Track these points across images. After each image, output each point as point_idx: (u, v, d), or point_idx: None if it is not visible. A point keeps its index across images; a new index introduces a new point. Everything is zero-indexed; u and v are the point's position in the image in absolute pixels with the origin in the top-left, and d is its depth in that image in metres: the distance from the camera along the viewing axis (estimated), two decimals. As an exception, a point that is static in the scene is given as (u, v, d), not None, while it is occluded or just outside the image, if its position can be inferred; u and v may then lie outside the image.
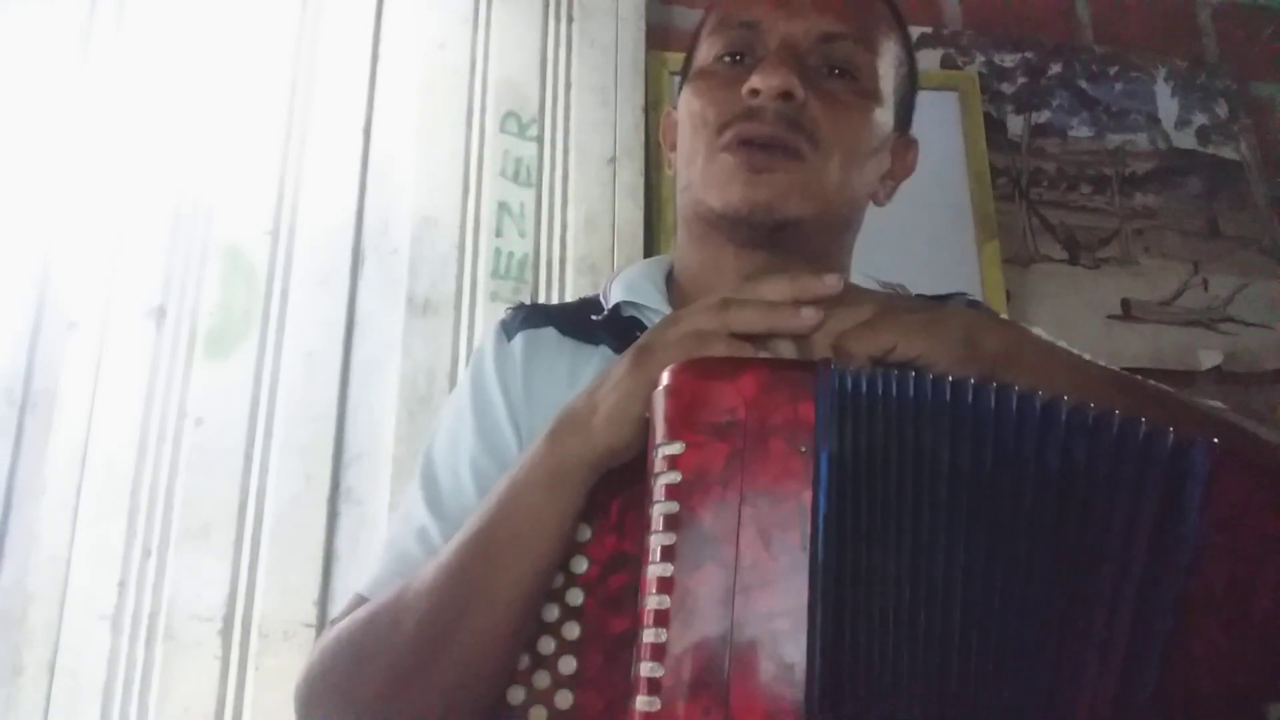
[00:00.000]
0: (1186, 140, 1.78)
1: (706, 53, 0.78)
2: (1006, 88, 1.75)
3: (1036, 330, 0.82)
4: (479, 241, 1.48)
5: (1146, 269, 1.69)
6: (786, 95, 0.70)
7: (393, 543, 0.73)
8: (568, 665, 0.54)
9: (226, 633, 1.27)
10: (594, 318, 0.79)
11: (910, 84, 0.83)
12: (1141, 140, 1.77)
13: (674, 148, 0.83)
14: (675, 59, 1.59)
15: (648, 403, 0.53)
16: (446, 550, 0.61)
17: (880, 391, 0.49)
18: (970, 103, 1.69)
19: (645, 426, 0.53)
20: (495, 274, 1.47)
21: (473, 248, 1.48)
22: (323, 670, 0.66)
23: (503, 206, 1.51)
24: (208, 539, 1.30)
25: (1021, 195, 1.70)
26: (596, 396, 0.57)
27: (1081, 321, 1.63)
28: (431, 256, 1.47)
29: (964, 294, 0.86)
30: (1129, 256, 1.70)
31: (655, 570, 0.47)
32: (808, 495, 0.47)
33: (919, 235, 1.55)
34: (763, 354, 0.55)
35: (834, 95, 0.73)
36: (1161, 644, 0.46)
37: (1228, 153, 1.79)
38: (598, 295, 0.84)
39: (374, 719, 0.61)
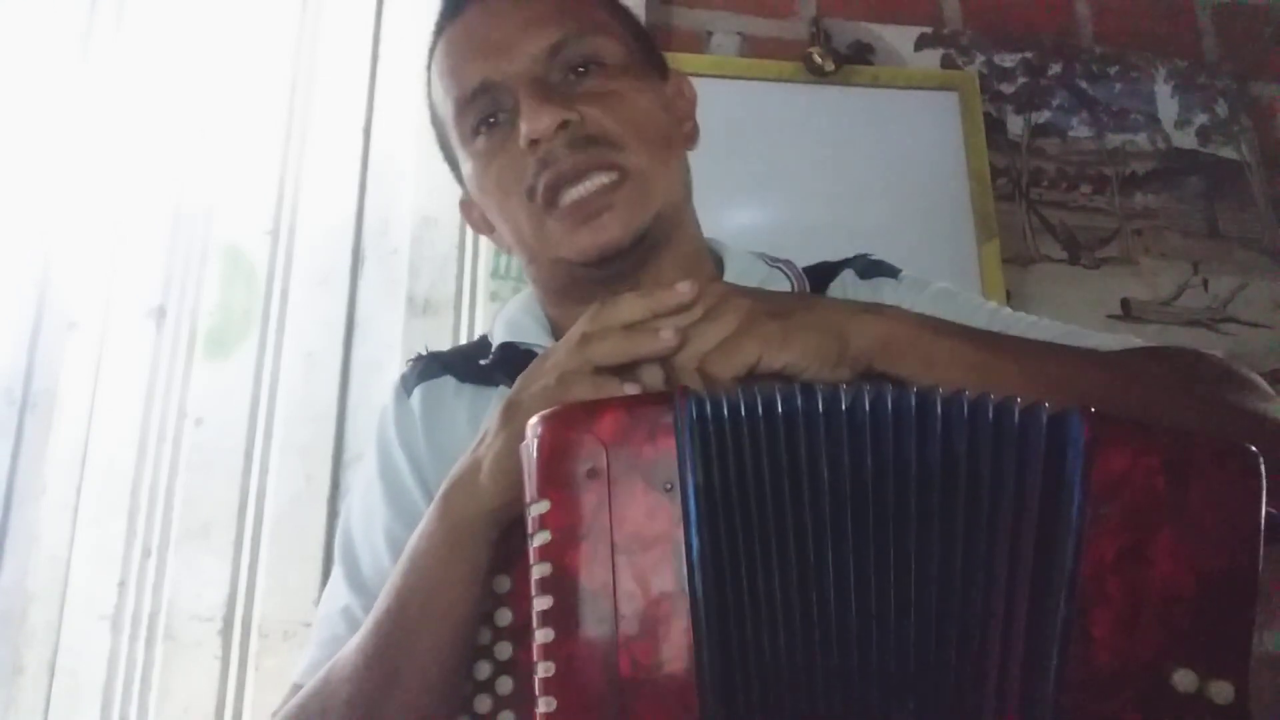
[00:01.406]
0: (1186, 140, 1.78)
1: (464, 134, 0.74)
2: (1006, 88, 1.75)
3: (937, 288, 0.79)
4: (479, 241, 1.48)
5: (1146, 269, 1.69)
6: (563, 125, 0.68)
7: (320, 626, 0.72)
8: None
9: (226, 633, 1.27)
10: (482, 362, 0.78)
11: (640, 33, 0.80)
12: (1141, 140, 1.77)
13: (491, 229, 0.81)
14: (675, 59, 1.59)
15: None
16: (363, 631, 0.60)
17: (744, 412, 0.47)
18: (970, 103, 1.69)
19: None
20: (495, 274, 1.47)
21: (473, 248, 1.48)
22: None
23: (503, 206, 1.51)
24: (208, 539, 1.30)
25: (1021, 195, 1.70)
26: (478, 454, 0.57)
27: (1081, 322, 1.62)
28: (431, 256, 1.47)
29: (864, 255, 0.84)
30: (1129, 256, 1.70)
31: (539, 637, 0.45)
32: (680, 533, 0.45)
33: (919, 235, 1.55)
34: (628, 385, 0.53)
35: (599, 93, 0.71)
36: (1059, 629, 0.45)
37: (1228, 153, 1.79)
38: (487, 334, 0.83)
39: None
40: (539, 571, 0.46)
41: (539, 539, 0.46)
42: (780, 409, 0.48)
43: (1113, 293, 1.66)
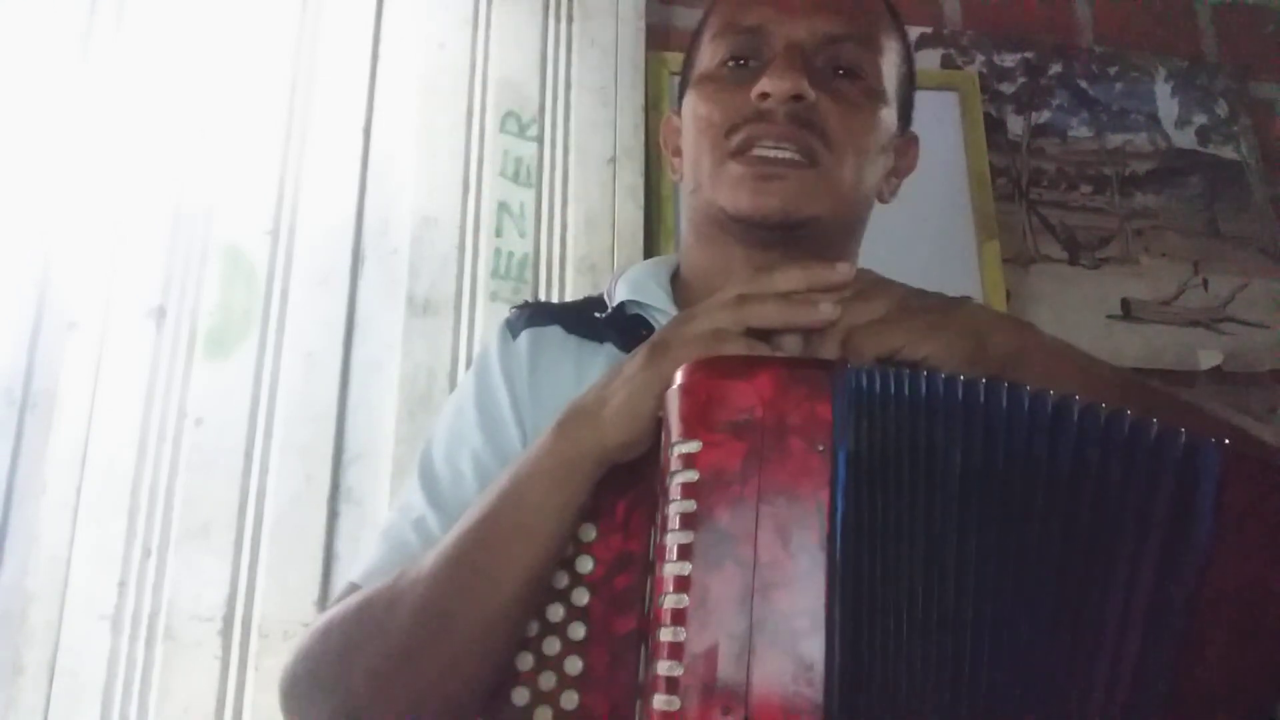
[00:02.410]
0: (1186, 140, 1.78)
1: (710, 58, 0.78)
2: (1006, 88, 1.75)
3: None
4: (479, 241, 1.48)
5: (1146, 269, 1.69)
6: (797, 97, 0.70)
7: (389, 532, 0.72)
8: (573, 665, 0.54)
9: (226, 633, 1.27)
10: (598, 315, 0.80)
11: (910, 83, 0.83)
12: (1141, 140, 1.77)
13: (676, 153, 0.83)
14: (675, 59, 1.59)
15: (660, 399, 0.53)
16: (447, 538, 0.60)
17: (894, 391, 0.49)
18: (970, 103, 1.69)
19: (656, 423, 0.53)
20: (495, 274, 1.47)
21: (473, 248, 1.48)
22: (311, 656, 0.65)
23: (503, 206, 1.51)
24: (208, 539, 1.30)
25: (1021, 195, 1.70)
26: (607, 391, 0.57)
27: (1081, 321, 1.63)
28: (431, 256, 1.47)
29: (969, 298, 0.86)
30: (1129, 256, 1.70)
31: (672, 569, 0.47)
32: (825, 494, 0.47)
33: (919, 235, 1.55)
34: (777, 353, 0.55)
35: (842, 95, 0.74)
36: (1173, 645, 0.45)
37: (1228, 153, 1.79)
38: (602, 294, 0.84)
39: (363, 707, 0.60)
40: (681, 508, 0.47)
41: (684, 476, 0.47)
42: (925, 392, 0.49)
43: (1113, 293, 1.66)
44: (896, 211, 0.87)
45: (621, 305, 0.79)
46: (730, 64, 0.76)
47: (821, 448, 0.47)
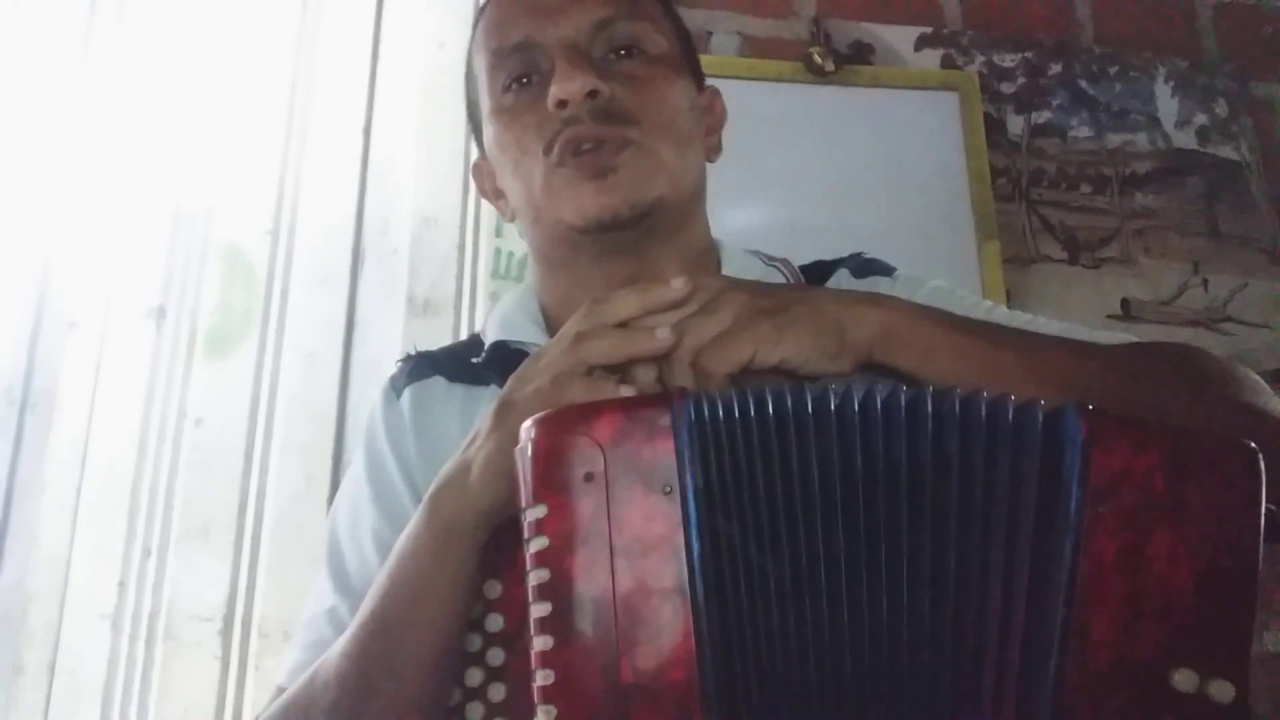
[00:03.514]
0: (1186, 140, 1.78)
1: (493, 89, 0.76)
2: (1006, 88, 1.75)
3: (933, 287, 0.79)
4: (479, 241, 1.48)
5: (1146, 269, 1.69)
6: (592, 94, 0.69)
7: (307, 628, 0.72)
8: None
9: (226, 633, 1.27)
10: (474, 360, 0.78)
11: (687, 39, 0.82)
12: (1141, 140, 1.77)
13: (498, 196, 0.81)
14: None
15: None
16: (347, 633, 0.59)
17: (739, 414, 0.47)
18: (970, 103, 1.69)
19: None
20: (495, 274, 1.47)
21: (473, 248, 1.48)
22: None
23: (503, 206, 1.51)
24: (208, 539, 1.30)
25: (1021, 195, 1.70)
26: (468, 455, 0.56)
27: (1081, 321, 1.62)
28: (431, 256, 1.47)
29: (858, 254, 0.84)
30: (1129, 256, 1.70)
31: (537, 644, 0.44)
32: (679, 536, 0.45)
33: (919, 235, 1.55)
34: (624, 387, 0.53)
35: (632, 75, 0.73)
36: (1058, 629, 0.44)
37: (1228, 153, 1.79)
38: (479, 333, 0.83)
39: None
40: (536, 578, 0.45)
41: (536, 544, 0.45)
42: (771, 409, 0.47)
43: (1113, 293, 1.66)
44: (897, 211, 0.87)
45: (498, 345, 0.78)
46: (514, 87, 0.74)
47: (669, 488, 0.45)
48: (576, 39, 0.72)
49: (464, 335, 1.43)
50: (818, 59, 1.64)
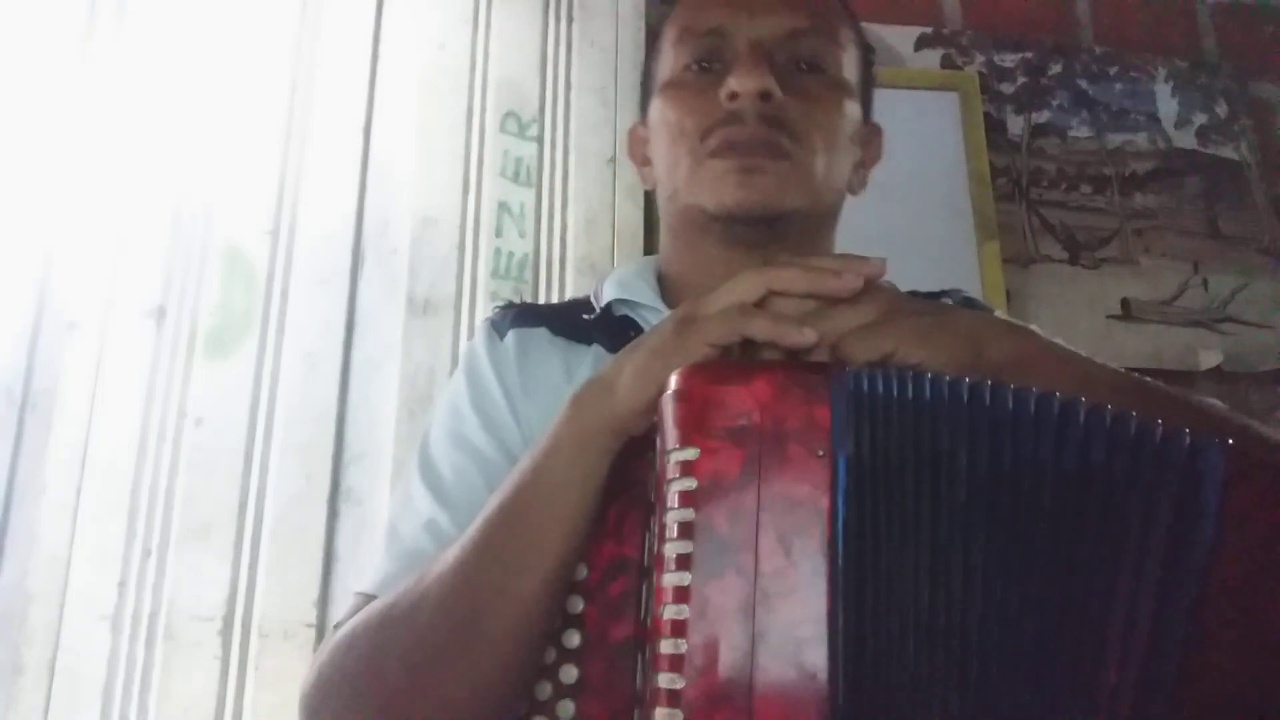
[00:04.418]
0: (1186, 140, 1.78)
1: (673, 64, 0.78)
2: (1006, 88, 1.75)
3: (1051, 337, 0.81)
4: (479, 241, 1.48)
5: (1146, 269, 1.69)
6: (765, 95, 0.71)
7: (398, 538, 0.71)
8: (569, 674, 0.53)
9: (226, 633, 1.27)
10: (586, 317, 0.79)
11: (869, 72, 0.84)
12: (1141, 140, 1.77)
13: (645, 162, 0.83)
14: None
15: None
16: (468, 531, 0.58)
17: (895, 393, 0.48)
18: (970, 103, 1.69)
19: None
20: (495, 274, 1.47)
21: (473, 248, 1.48)
22: (334, 670, 0.63)
23: (503, 206, 1.51)
24: (208, 539, 1.30)
25: (1021, 195, 1.70)
26: (625, 361, 0.56)
27: (1081, 321, 1.63)
28: (431, 256, 1.47)
29: (958, 290, 0.85)
30: (1129, 256, 1.70)
31: (671, 579, 0.46)
32: (825, 500, 0.46)
33: (919, 235, 1.55)
34: (807, 330, 0.53)
35: (807, 90, 0.74)
36: (1178, 648, 0.45)
37: (1228, 153, 1.79)
38: (588, 296, 0.84)
39: (398, 711, 0.59)
40: (679, 516, 0.46)
41: (681, 484, 0.46)
42: (928, 394, 0.48)
43: (1113, 293, 1.67)
44: (897, 211, 0.87)
45: (609, 306, 0.79)
46: (694, 68, 0.76)
47: (821, 452, 0.46)
48: (766, 40, 0.74)
49: (464, 336, 1.43)
50: (818, 59, 1.64)
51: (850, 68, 0.79)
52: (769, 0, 0.75)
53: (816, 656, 0.44)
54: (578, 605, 0.54)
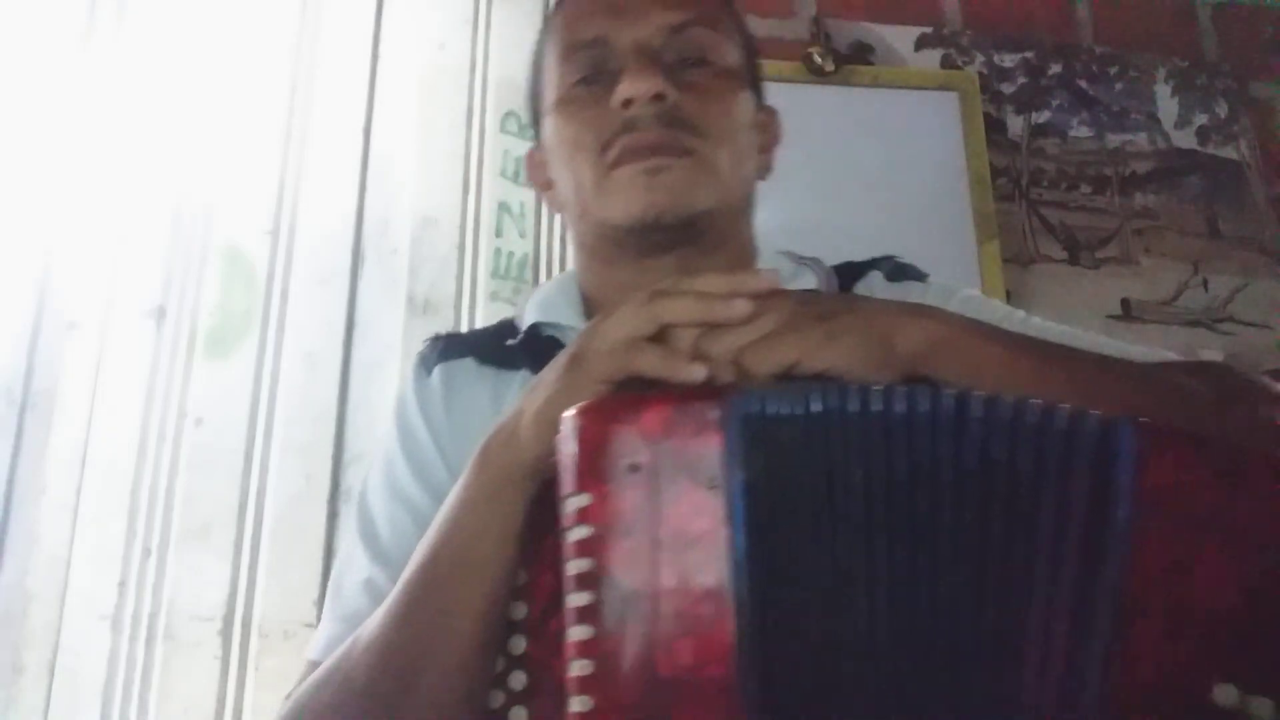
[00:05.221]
0: (1186, 140, 1.78)
1: (560, 80, 0.76)
2: (1006, 88, 1.75)
3: (978, 299, 0.79)
4: (479, 241, 1.49)
5: (1146, 269, 1.69)
6: (659, 97, 0.70)
7: (340, 598, 0.70)
8: (518, 717, 0.52)
9: (226, 633, 1.27)
10: (509, 343, 0.78)
11: (754, 58, 0.82)
12: (1141, 140, 1.77)
13: (547, 186, 0.81)
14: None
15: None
16: (390, 596, 0.58)
17: (787, 412, 0.47)
18: (970, 103, 1.69)
19: None
20: (495, 274, 1.47)
21: (473, 248, 1.49)
22: None
23: (503, 206, 1.51)
24: (208, 539, 1.30)
25: (1021, 195, 1.70)
26: (525, 405, 0.55)
27: (1081, 321, 1.63)
28: (431, 256, 1.47)
29: (891, 257, 0.83)
30: (1129, 256, 1.70)
31: (576, 634, 0.44)
32: (725, 532, 0.44)
33: (919, 235, 1.54)
34: (695, 366, 0.52)
35: (699, 84, 0.73)
36: (1102, 640, 0.44)
37: (1228, 153, 1.79)
38: (513, 319, 0.83)
39: None
40: (577, 567, 0.45)
41: (578, 533, 0.45)
42: (817, 408, 0.47)
43: (1113, 293, 1.66)
44: (897, 211, 0.87)
45: (533, 328, 0.77)
46: (582, 82, 0.74)
47: (715, 483, 0.45)
48: (649, 42, 0.73)
49: (464, 335, 1.43)
50: (818, 59, 1.64)
51: (736, 55, 0.77)
52: (645, 0, 0.74)
53: (729, 698, 0.43)
54: (520, 645, 0.53)
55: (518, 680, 0.53)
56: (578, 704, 0.43)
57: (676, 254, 0.72)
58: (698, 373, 0.51)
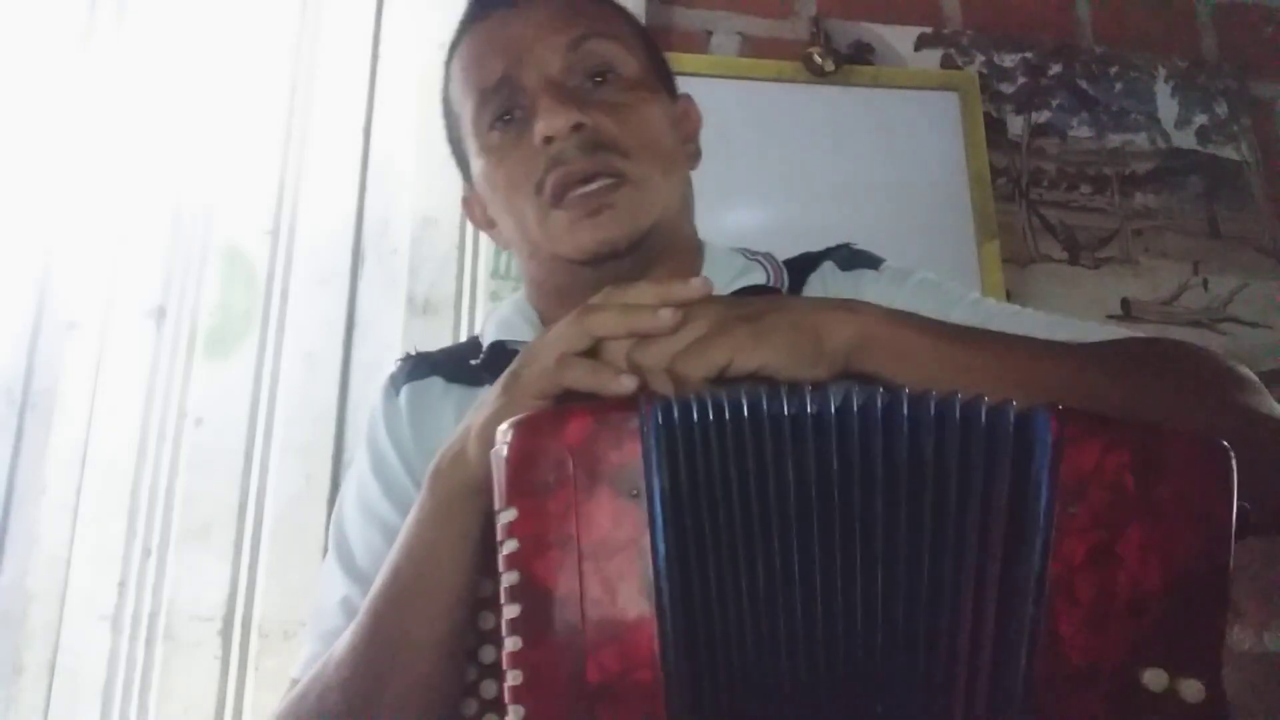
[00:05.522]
0: (1186, 140, 1.78)
1: (478, 127, 0.77)
2: (1006, 88, 1.75)
3: (916, 280, 0.80)
4: (479, 241, 1.49)
5: (1146, 269, 1.69)
6: (577, 127, 0.70)
7: (318, 619, 0.73)
8: None
9: (226, 633, 1.27)
10: (472, 362, 0.79)
11: (655, 50, 0.83)
12: (1141, 140, 1.77)
13: (490, 225, 0.83)
14: (675, 59, 1.59)
15: None
16: (359, 615, 0.60)
17: (711, 416, 0.47)
18: (970, 103, 1.69)
19: None
20: (495, 274, 1.47)
21: (473, 248, 1.49)
22: None
23: (503, 206, 1.51)
24: (208, 539, 1.30)
25: (1021, 195, 1.70)
26: (470, 425, 0.57)
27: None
28: (431, 256, 1.47)
29: (846, 245, 0.84)
30: (1129, 256, 1.70)
31: (508, 645, 0.45)
32: (646, 539, 0.45)
33: (919, 235, 1.55)
34: (624, 377, 0.53)
35: (612, 102, 0.74)
36: (1028, 629, 0.44)
37: (1228, 153, 1.79)
38: (478, 336, 0.84)
39: None
40: (507, 580, 0.46)
41: (507, 547, 0.46)
42: (745, 412, 0.48)
43: (1113, 293, 1.66)
44: (897, 211, 0.87)
45: (496, 345, 0.78)
46: (499, 126, 0.75)
47: (635, 492, 0.46)
48: (551, 69, 0.73)
49: (464, 335, 1.43)
50: (818, 59, 1.64)
51: (637, 56, 0.78)
52: (537, 27, 0.74)
53: (655, 704, 0.44)
54: (490, 655, 0.55)
55: (489, 689, 0.55)
56: (512, 713, 0.44)
57: (630, 276, 0.71)
58: (628, 384, 0.52)
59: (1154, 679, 0.44)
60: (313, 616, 0.74)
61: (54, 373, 1.34)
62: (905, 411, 0.47)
